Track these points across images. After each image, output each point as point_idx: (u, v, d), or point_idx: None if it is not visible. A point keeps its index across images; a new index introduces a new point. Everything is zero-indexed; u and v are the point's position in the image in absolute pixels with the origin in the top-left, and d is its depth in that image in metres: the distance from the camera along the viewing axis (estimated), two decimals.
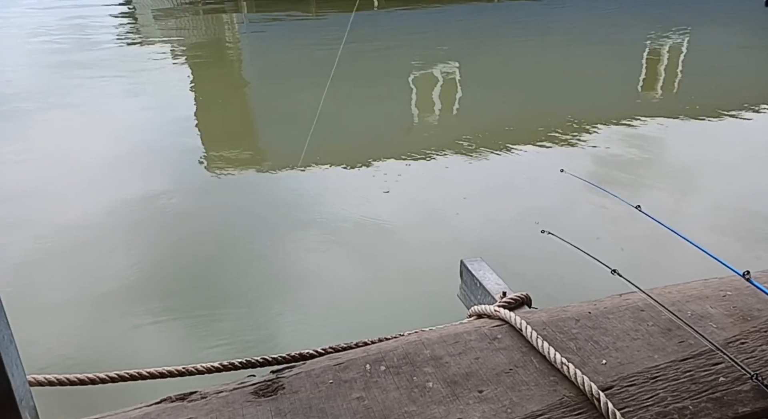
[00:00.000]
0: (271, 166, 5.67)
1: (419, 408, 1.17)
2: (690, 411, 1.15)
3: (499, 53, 10.66)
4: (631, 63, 9.67)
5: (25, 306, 3.42)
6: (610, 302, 1.49)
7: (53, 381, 1.41)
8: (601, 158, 5.56)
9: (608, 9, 14.95)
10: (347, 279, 3.74)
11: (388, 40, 11.58)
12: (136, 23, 14.76)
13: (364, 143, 5.90)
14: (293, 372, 1.27)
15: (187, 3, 17.07)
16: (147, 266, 3.90)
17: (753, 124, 6.59)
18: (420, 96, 8.01)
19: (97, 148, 6.04)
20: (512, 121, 6.90)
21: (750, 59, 9.78)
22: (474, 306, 1.55)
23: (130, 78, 8.96)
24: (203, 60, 10.77)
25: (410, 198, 4.81)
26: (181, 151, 5.96)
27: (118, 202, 4.75)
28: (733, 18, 13.50)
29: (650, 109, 7.23)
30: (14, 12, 15.95)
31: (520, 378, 1.24)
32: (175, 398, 1.22)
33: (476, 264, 1.86)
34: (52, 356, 3.05)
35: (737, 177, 5.12)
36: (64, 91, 8.27)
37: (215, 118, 7.31)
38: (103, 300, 3.55)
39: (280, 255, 4.03)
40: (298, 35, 12.55)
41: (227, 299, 3.57)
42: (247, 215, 4.62)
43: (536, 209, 4.51)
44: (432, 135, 6.56)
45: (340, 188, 5.05)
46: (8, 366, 0.93)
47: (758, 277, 1.43)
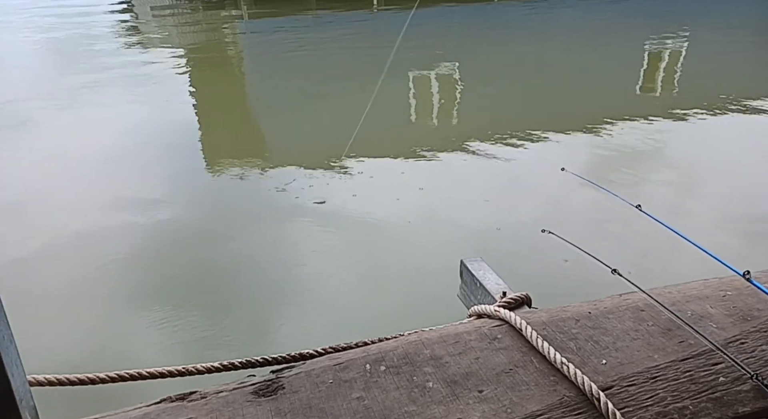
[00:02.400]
0: (269, 166, 5.66)
1: (419, 408, 1.17)
2: (690, 411, 1.15)
3: (499, 53, 10.66)
4: (632, 62, 9.67)
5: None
6: (610, 302, 1.49)
7: (53, 381, 1.41)
8: (602, 157, 5.56)
9: (608, 9, 14.94)
10: (347, 279, 3.74)
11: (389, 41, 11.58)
12: (136, 22, 14.75)
13: (364, 143, 5.90)
14: (293, 372, 1.27)
15: (187, 1, 17.07)
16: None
17: (753, 124, 6.59)
18: (419, 95, 8.01)
19: (98, 148, 6.05)
20: (513, 120, 6.89)
21: (750, 58, 9.77)
22: (474, 306, 1.55)
23: (130, 79, 8.95)
24: (203, 60, 10.76)
25: (410, 197, 4.81)
26: (178, 152, 5.97)
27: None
28: (734, 18, 13.50)
29: (651, 108, 7.22)
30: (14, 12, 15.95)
31: (520, 378, 1.24)
32: (175, 398, 1.22)
33: (476, 264, 1.86)
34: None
35: (738, 176, 5.11)
36: (64, 91, 8.27)
37: (215, 119, 7.30)
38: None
39: (280, 255, 4.03)
40: (298, 35, 12.53)
41: (228, 298, 3.57)
42: (246, 215, 4.63)
43: (537, 208, 4.51)
44: (432, 134, 6.55)
45: (340, 188, 5.05)
46: (8, 366, 0.93)
47: (758, 277, 1.43)
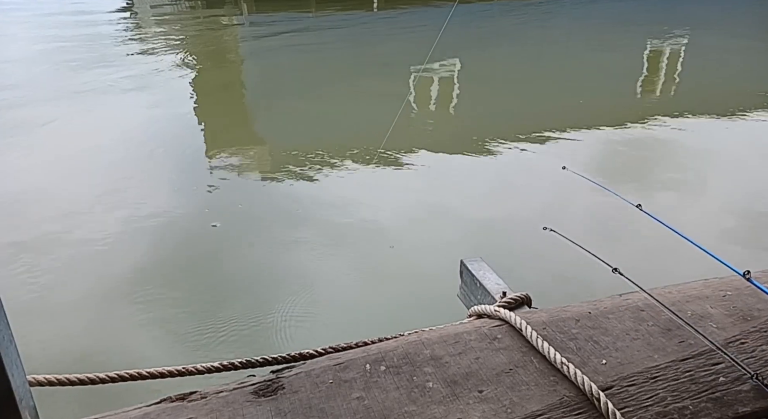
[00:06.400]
0: (270, 169, 5.65)
1: (419, 408, 1.17)
2: (690, 411, 1.15)
3: (499, 53, 10.65)
4: (633, 61, 9.66)
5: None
6: (610, 302, 1.49)
7: (53, 381, 1.41)
8: (603, 156, 5.56)
9: (609, 8, 14.93)
10: (347, 278, 3.74)
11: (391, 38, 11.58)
12: (136, 22, 14.75)
13: (363, 143, 5.90)
14: (293, 372, 1.27)
15: (186, 1, 17.07)
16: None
17: (753, 124, 6.59)
18: (418, 95, 8.00)
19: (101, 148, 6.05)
20: (513, 119, 6.89)
21: (747, 60, 9.77)
22: (474, 306, 1.55)
23: (130, 79, 8.94)
24: (202, 60, 10.75)
25: (411, 197, 4.81)
26: (181, 153, 5.97)
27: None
28: (733, 18, 13.49)
29: (651, 108, 7.23)
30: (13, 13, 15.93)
31: (520, 378, 1.24)
32: (175, 398, 1.22)
33: (476, 264, 1.86)
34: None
35: (739, 176, 5.11)
36: (63, 91, 8.26)
37: (216, 120, 7.30)
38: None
39: (279, 255, 4.03)
40: (297, 35, 12.53)
41: (227, 298, 3.57)
42: (246, 216, 4.62)
43: (537, 207, 4.51)
44: (432, 134, 6.55)
45: (340, 188, 5.05)
46: (8, 366, 0.93)
47: (758, 277, 1.43)
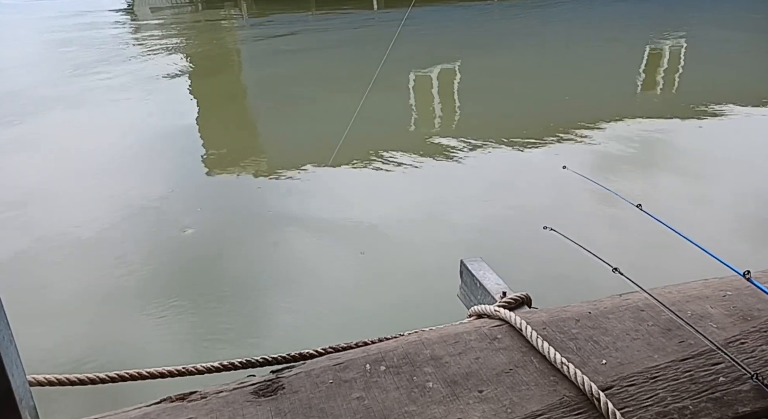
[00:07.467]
0: (269, 169, 5.65)
1: (419, 408, 1.17)
2: (690, 411, 1.15)
3: (499, 53, 10.65)
4: (633, 61, 9.66)
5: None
6: (610, 302, 1.49)
7: (53, 381, 1.41)
8: (604, 156, 5.55)
9: (609, 8, 14.93)
10: (347, 278, 3.74)
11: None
12: (135, 22, 14.74)
13: (363, 142, 5.89)
14: (293, 372, 1.27)
15: (186, 2, 17.07)
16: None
17: (754, 124, 6.58)
18: (418, 95, 8.00)
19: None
20: (514, 118, 6.89)
21: (747, 58, 9.77)
22: (474, 306, 1.55)
23: (129, 79, 8.94)
24: (202, 61, 10.75)
25: (411, 196, 4.81)
26: (177, 153, 5.98)
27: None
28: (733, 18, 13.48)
29: (652, 107, 7.23)
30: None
31: (520, 378, 1.24)
32: (175, 398, 1.22)
33: (476, 264, 1.86)
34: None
35: (741, 176, 5.11)
36: (61, 92, 8.26)
37: (216, 121, 7.30)
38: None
39: (280, 255, 4.02)
40: (297, 35, 12.53)
41: (228, 298, 3.57)
42: (245, 216, 4.62)
43: (538, 206, 4.51)
44: (431, 133, 6.55)
45: (339, 188, 5.04)
46: (8, 366, 0.93)
47: (758, 277, 1.43)
